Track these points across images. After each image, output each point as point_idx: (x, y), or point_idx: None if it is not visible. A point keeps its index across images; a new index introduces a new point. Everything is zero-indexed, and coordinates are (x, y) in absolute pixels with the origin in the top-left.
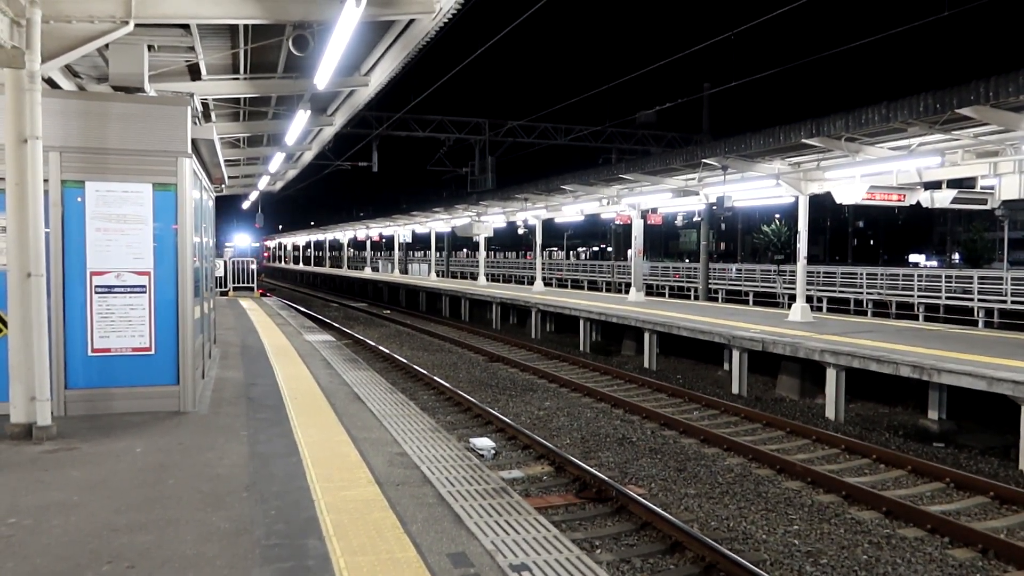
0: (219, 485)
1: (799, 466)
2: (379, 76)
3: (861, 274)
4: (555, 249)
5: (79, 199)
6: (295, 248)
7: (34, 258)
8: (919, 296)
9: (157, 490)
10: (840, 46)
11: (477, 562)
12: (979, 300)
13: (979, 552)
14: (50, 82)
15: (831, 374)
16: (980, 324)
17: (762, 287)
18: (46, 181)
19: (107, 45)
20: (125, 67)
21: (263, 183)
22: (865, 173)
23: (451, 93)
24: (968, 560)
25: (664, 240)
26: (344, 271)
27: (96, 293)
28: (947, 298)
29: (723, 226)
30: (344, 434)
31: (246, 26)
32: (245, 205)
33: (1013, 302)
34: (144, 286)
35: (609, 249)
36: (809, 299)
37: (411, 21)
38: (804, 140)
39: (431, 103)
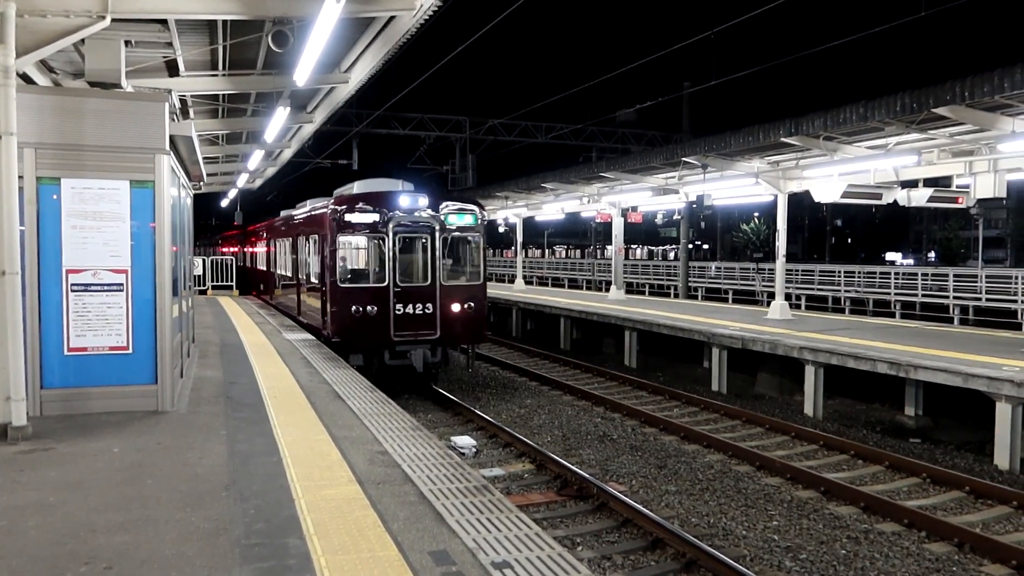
0: (198, 484)
1: (778, 462)
2: (359, 73)
3: (839, 272)
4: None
5: (55, 196)
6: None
7: (8, 256)
8: (896, 294)
9: (135, 490)
10: (819, 45)
11: (459, 560)
12: (954, 298)
13: (955, 546)
14: (25, 77)
15: (810, 371)
16: (955, 321)
17: (741, 285)
18: (21, 178)
19: (83, 40)
20: (101, 63)
21: (242, 181)
22: (843, 172)
23: (432, 91)
24: (944, 554)
25: (644, 238)
26: None
27: (72, 291)
28: (923, 296)
29: (703, 224)
30: (324, 433)
31: (225, 22)
32: (224, 203)
33: (987, 299)
34: (121, 284)
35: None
36: (788, 297)
37: (391, 18)
38: (783, 139)
39: (412, 101)
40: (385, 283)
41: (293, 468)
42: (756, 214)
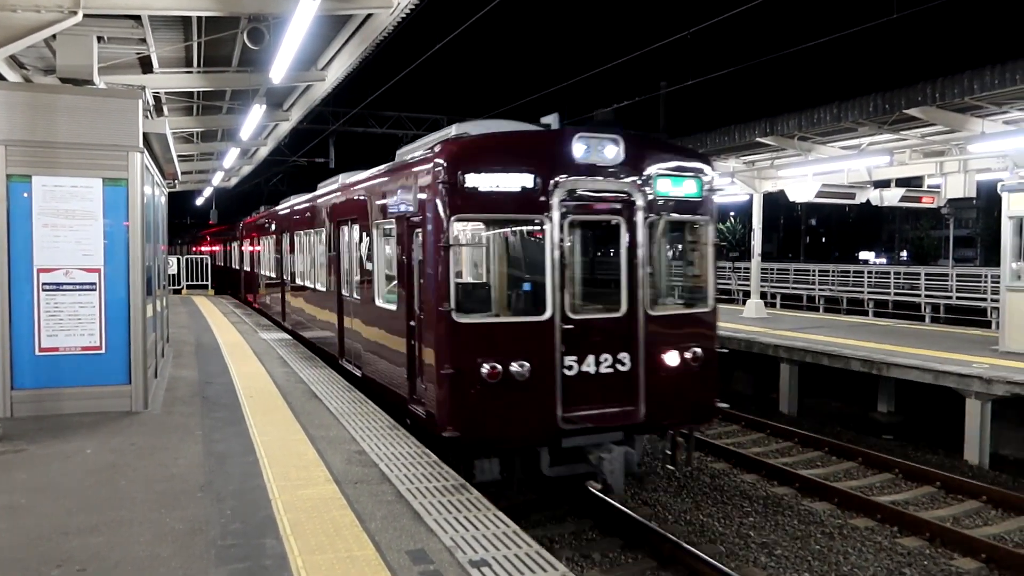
0: (173, 485)
1: (753, 460)
2: (336, 71)
3: (813, 271)
4: None
5: (25, 194)
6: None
7: None
8: (869, 292)
9: (109, 491)
10: (794, 46)
11: (437, 559)
12: (926, 296)
13: (927, 540)
14: None
15: (784, 369)
16: (927, 319)
17: (717, 284)
18: None
19: (54, 36)
20: (73, 59)
21: (217, 179)
22: (817, 171)
23: (409, 89)
24: (916, 548)
25: None
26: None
27: (43, 291)
28: (895, 294)
29: None
30: (301, 432)
31: (199, 18)
32: (199, 201)
33: (958, 298)
34: (94, 283)
35: None
36: (763, 295)
37: (369, 15)
38: (758, 139)
39: (389, 99)
40: (546, 314)
41: (270, 468)
42: (732, 213)
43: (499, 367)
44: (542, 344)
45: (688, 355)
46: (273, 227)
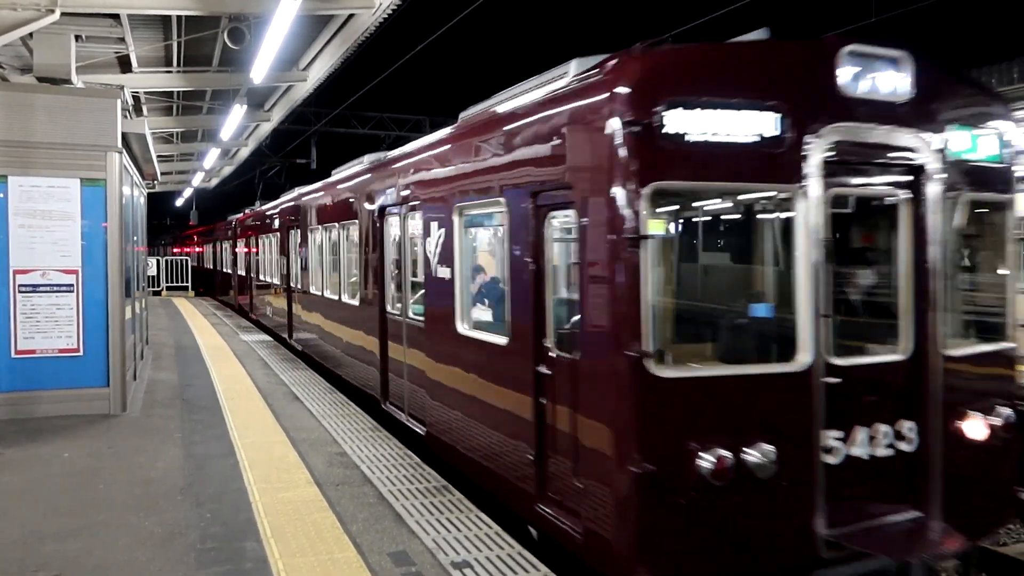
0: (152, 488)
1: None
2: (318, 71)
3: None
4: None
5: (1, 195)
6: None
7: None
8: None
9: (87, 495)
10: None
11: (419, 560)
12: None
13: None
14: None
15: None
16: None
17: None
18: None
19: (31, 34)
20: (51, 57)
21: (198, 179)
22: None
23: (391, 90)
24: None
25: None
26: None
27: (20, 292)
28: None
29: None
30: (282, 434)
31: (179, 17)
32: (179, 202)
33: None
34: (72, 285)
35: None
36: None
37: (350, 16)
38: None
39: (371, 99)
40: (801, 360)
41: (250, 471)
42: None
43: (729, 456)
44: (792, 411)
45: (997, 421)
46: (277, 223)
